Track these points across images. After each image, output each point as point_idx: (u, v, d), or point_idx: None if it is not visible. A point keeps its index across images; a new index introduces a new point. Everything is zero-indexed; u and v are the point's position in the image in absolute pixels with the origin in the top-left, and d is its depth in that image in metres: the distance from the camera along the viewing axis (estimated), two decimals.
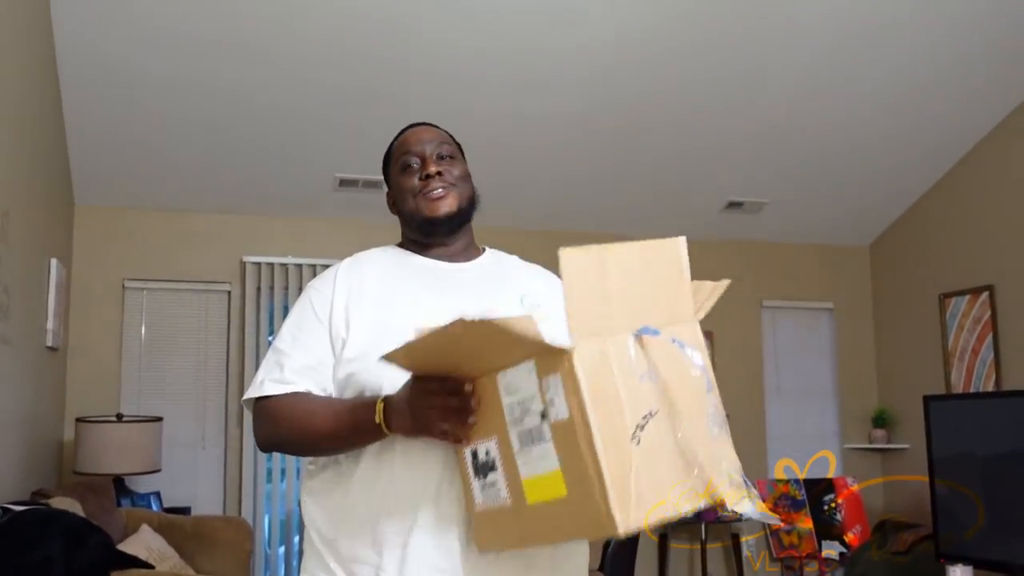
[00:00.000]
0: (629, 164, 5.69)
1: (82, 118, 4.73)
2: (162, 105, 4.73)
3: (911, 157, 6.00)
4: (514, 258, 1.90)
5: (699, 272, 6.09)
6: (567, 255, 1.25)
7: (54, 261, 4.52)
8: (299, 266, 5.72)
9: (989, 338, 5.84)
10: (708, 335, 6.13)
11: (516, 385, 1.31)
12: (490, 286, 1.76)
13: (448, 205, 1.72)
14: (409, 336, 1.34)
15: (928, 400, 5.01)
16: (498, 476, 1.37)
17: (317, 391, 1.62)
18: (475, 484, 1.42)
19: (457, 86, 4.79)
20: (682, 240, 1.33)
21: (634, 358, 1.27)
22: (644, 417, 1.25)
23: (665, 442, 1.29)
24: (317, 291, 1.70)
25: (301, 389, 1.61)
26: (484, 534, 1.45)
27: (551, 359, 1.23)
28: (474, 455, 1.41)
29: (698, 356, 1.35)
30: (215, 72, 4.53)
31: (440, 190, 1.72)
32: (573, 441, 1.23)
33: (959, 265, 6.15)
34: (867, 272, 7.05)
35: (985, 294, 5.89)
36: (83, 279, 5.39)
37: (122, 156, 5.10)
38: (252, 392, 1.65)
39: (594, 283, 1.26)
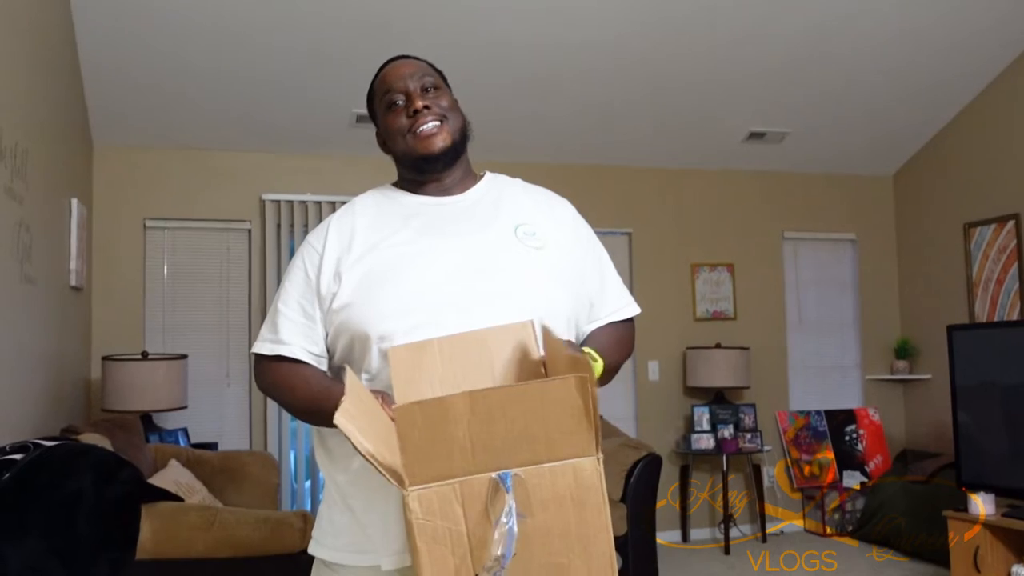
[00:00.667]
0: (649, 95, 5.61)
1: (97, 57, 4.70)
2: (178, 42, 4.68)
3: (935, 85, 5.88)
4: (516, 182, 1.86)
5: (721, 203, 6.11)
6: (401, 412, 1.19)
7: (75, 201, 4.53)
8: (318, 203, 5.72)
9: (1014, 268, 5.79)
10: (729, 267, 6.16)
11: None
12: (483, 217, 1.73)
13: (442, 140, 1.69)
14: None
15: (952, 330, 5.00)
16: None
17: (309, 346, 1.68)
18: None
19: (475, 17, 4.71)
20: (577, 381, 1.21)
21: (491, 501, 1.22)
22: (495, 560, 1.22)
23: None
24: (310, 248, 1.72)
25: (295, 350, 1.67)
26: None
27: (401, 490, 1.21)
28: None
29: (506, 541, 1.21)
30: (230, 8, 4.47)
31: (431, 125, 1.69)
32: (415, 568, 1.23)
33: (984, 194, 6.06)
34: (890, 202, 6.98)
35: (1011, 223, 5.81)
36: (104, 219, 5.41)
37: (138, 95, 5.08)
38: (254, 348, 1.73)
39: (439, 427, 1.19)
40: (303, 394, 1.65)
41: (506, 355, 1.50)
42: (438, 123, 1.69)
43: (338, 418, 1.25)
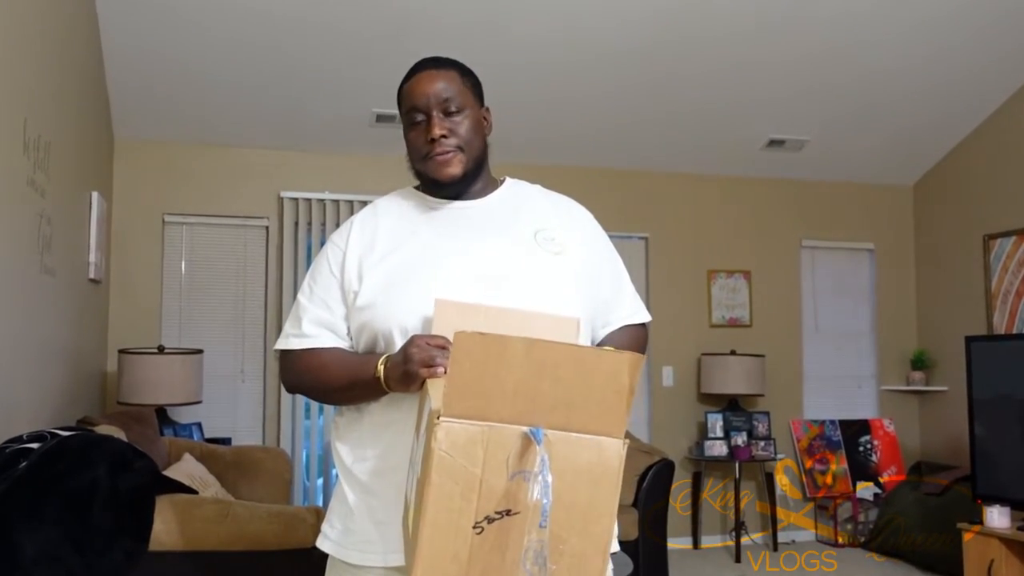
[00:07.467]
0: (669, 101, 5.61)
1: (120, 51, 4.73)
2: (200, 40, 4.71)
3: (956, 96, 5.85)
4: (535, 188, 1.87)
5: (739, 209, 6.12)
6: (462, 338, 1.17)
7: (95, 194, 4.55)
8: (336, 202, 5.74)
9: None
10: (746, 274, 6.16)
11: (425, 412, 1.30)
12: (501, 222, 1.75)
13: (454, 168, 1.70)
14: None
15: (970, 341, 4.97)
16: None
17: (335, 340, 1.70)
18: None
19: (495, 20, 4.72)
20: (632, 358, 1.22)
21: (515, 454, 1.21)
22: (499, 512, 1.21)
23: (512, 543, 1.23)
24: (334, 245, 1.75)
25: (322, 340, 1.70)
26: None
27: (433, 418, 1.21)
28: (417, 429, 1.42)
29: (541, 488, 1.19)
30: (253, 5, 4.49)
31: (447, 154, 1.69)
32: (420, 498, 1.23)
33: (1004, 206, 6.03)
34: (910, 212, 6.94)
35: None
36: (123, 213, 5.44)
37: (160, 90, 5.11)
38: (278, 344, 1.76)
39: (492, 365, 1.18)
40: (339, 367, 1.67)
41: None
42: (454, 153, 1.69)
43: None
